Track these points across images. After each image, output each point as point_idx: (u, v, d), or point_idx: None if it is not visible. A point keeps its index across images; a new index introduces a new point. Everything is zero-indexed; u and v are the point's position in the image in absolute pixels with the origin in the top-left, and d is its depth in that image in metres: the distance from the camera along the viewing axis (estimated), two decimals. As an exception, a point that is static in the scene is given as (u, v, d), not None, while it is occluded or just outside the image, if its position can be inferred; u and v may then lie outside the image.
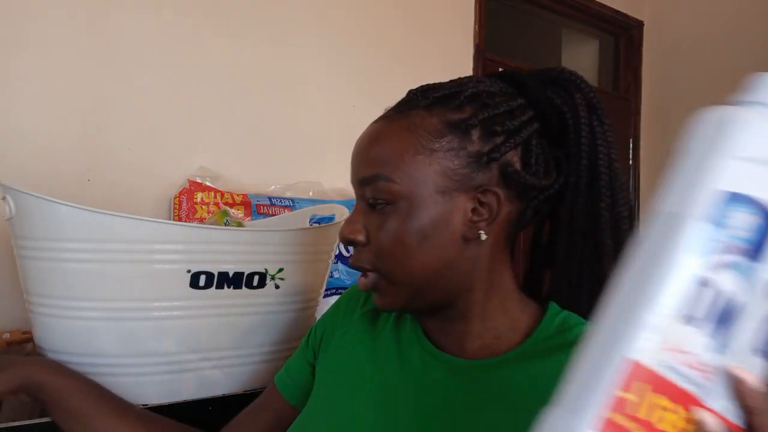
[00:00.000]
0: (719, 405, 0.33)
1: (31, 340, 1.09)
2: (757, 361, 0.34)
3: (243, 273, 0.87)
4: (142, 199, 1.48)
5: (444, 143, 0.58)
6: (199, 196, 1.47)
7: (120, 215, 0.80)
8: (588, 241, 0.61)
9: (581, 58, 3.04)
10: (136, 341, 0.83)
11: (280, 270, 0.91)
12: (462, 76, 0.65)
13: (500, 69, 0.69)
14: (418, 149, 0.57)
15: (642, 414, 0.31)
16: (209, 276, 0.85)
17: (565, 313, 0.62)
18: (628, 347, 0.31)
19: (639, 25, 2.86)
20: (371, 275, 0.61)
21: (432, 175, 0.57)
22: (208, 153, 1.60)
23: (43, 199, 0.79)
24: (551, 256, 0.65)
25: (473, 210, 0.58)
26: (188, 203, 1.46)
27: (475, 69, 2.22)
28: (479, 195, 0.58)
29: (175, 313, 0.84)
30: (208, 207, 1.47)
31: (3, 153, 1.31)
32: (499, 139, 0.58)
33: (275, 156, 1.72)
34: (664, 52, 2.79)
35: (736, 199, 0.32)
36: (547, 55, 3.12)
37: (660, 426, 0.31)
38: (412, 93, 0.63)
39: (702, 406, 0.32)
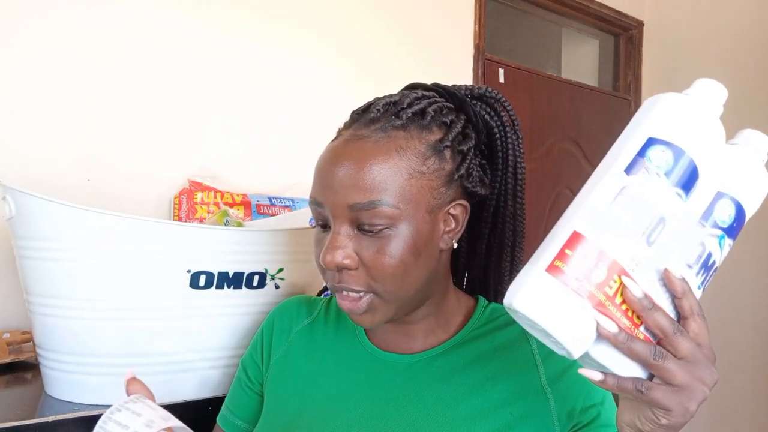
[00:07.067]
0: (645, 282, 0.46)
1: (31, 340, 1.09)
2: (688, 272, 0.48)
3: (243, 273, 0.87)
4: (142, 199, 1.48)
5: (430, 165, 0.61)
6: (199, 196, 1.47)
7: (120, 215, 0.80)
8: (500, 239, 0.72)
9: (581, 58, 3.04)
10: (136, 341, 0.83)
11: (280, 270, 0.91)
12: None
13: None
14: (411, 173, 0.60)
15: (573, 263, 0.45)
16: (209, 276, 0.85)
17: (492, 304, 0.71)
18: (575, 222, 0.47)
19: (639, 25, 2.86)
20: (366, 297, 0.61)
21: (424, 196, 0.60)
22: (208, 153, 1.60)
23: (43, 199, 0.79)
24: (473, 256, 0.74)
25: (445, 222, 0.63)
26: (188, 203, 1.46)
27: (475, 69, 2.21)
28: (451, 208, 0.63)
29: (175, 313, 0.84)
30: (208, 207, 1.47)
31: (3, 153, 1.31)
32: (462, 157, 0.64)
33: (275, 156, 1.72)
34: (664, 52, 2.79)
35: (655, 141, 0.48)
36: (547, 55, 3.11)
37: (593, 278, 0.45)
38: (377, 109, 0.63)
39: (629, 277, 0.45)
